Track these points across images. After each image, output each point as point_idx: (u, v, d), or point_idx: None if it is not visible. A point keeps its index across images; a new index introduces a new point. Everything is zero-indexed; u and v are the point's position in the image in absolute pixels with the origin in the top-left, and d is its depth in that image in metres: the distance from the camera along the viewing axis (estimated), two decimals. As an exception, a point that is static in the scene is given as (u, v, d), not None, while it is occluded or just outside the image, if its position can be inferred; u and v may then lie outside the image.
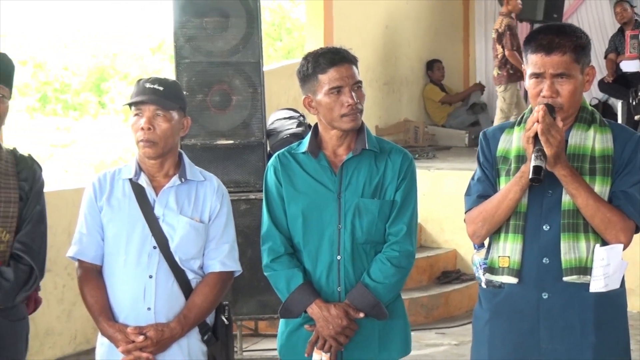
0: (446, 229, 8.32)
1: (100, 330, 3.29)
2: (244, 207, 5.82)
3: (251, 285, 5.79)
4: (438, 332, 7.21)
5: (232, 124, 5.85)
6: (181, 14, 5.76)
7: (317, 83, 3.20)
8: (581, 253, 2.88)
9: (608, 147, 2.92)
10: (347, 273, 3.22)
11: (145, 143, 3.22)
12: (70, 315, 6.61)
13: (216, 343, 3.37)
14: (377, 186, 3.23)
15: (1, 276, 3.19)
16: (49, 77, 15.62)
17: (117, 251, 3.28)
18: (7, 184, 3.24)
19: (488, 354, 3.07)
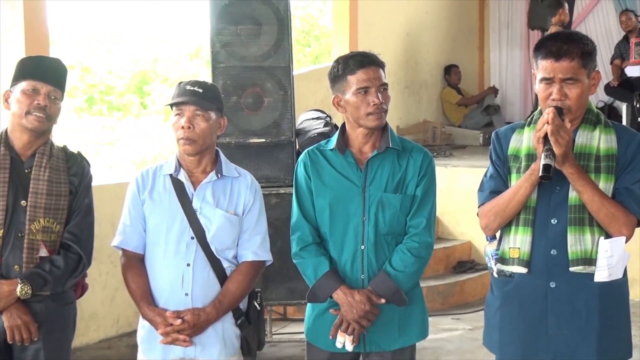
0: (462, 222, 8.30)
1: (142, 314, 3.31)
2: (275, 200, 5.82)
3: (280, 273, 5.79)
4: (453, 317, 7.20)
5: (264, 124, 5.84)
6: (217, 22, 5.78)
7: (346, 83, 3.20)
8: (586, 245, 2.89)
9: (612, 146, 2.92)
10: (370, 262, 3.22)
11: (185, 141, 3.24)
12: (113, 300, 6.66)
13: (249, 327, 3.38)
14: (399, 182, 3.23)
15: (52, 264, 3.23)
16: (95, 80, 15.66)
17: (157, 241, 3.30)
18: (58, 178, 3.28)
19: (499, 338, 3.08)
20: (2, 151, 3.23)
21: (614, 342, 2.98)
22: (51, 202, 3.25)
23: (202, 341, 3.27)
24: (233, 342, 3.35)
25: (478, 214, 3.09)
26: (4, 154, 3.23)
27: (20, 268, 3.20)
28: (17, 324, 3.18)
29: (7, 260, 3.20)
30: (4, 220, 3.19)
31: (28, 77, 3.23)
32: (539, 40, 3.00)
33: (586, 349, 2.93)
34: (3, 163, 3.22)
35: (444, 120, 12.01)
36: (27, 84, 3.22)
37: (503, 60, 13.13)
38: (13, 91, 3.26)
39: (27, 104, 3.20)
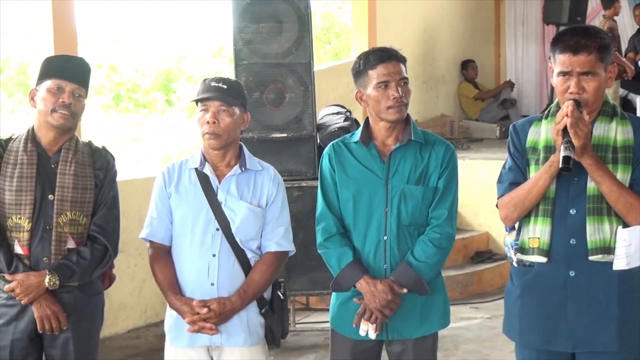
0: (479, 213, 8.31)
1: (169, 303, 3.32)
2: (297, 193, 5.83)
3: (303, 264, 5.80)
4: (472, 306, 7.19)
5: (286, 119, 5.86)
6: (240, 20, 5.79)
7: (367, 78, 3.20)
8: (605, 234, 2.86)
9: (629, 138, 2.90)
10: (393, 252, 3.21)
11: (210, 135, 3.24)
12: (141, 291, 6.69)
13: (272, 316, 3.38)
14: (422, 174, 3.22)
15: (79, 255, 3.25)
16: (122, 78, 15.75)
17: (184, 233, 3.30)
18: (84, 173, 3.30)
19: (519, 326, 3.06)
20: (29, 147, 3.25)
21: (633, 330, 2.94)
22: (77, 195, 3.28)
23: (227, 329, 3.28)
24: (257, 330, 3.35)
25: (497, 205, 3.07)
26: (30, 150, 3.25)
27: (49, 260, 3.23)
28: (47, 314, 3.21)
29: (35, 252, 3.23)
30: (32, 214, 3.21)
31: (53, 76, 3.25)
32: (556, 35, 2.98)
33: (606, 337, 2.91)
34: (30, 159, 3.24)
35: (461, 114, 11.96)
36: (52, 83, 3.24)
37: (519, 55, 13.09)
38: (39, 89, 3.28)
39: (52, 102, 3.22)
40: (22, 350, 3.27)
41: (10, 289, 3.17)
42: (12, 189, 3.20)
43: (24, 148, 3.25)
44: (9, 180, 3.22)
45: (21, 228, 3.21)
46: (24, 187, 3.21)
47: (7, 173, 3.23)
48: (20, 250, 3.22)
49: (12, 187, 3.21)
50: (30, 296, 3.17)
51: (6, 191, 3.21)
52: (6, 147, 3.28)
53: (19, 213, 3.20)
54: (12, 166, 3.23)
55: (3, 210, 3.22)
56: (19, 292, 3.17)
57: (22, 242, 3.21)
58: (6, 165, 3.24)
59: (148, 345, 6.16)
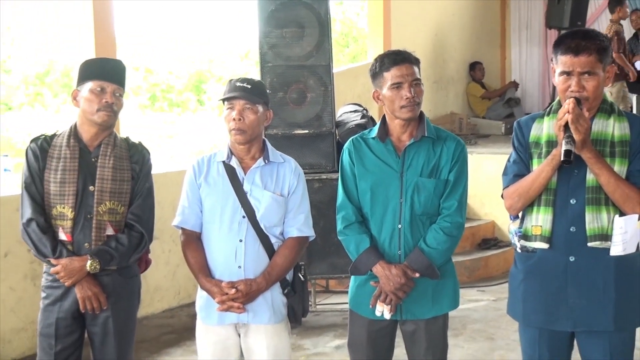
0: (486, 204, 8.30)
1: (200, 285, 3.33)
2: (317, 185, 5.84)
3: (323, 249, 5.81)
4: (479, 289, 7.17)
5: (307, 117, 5.87)
6: (265, 26, 5.80)
7: (383, 79, 3.19)
8: (603, 222, 2.85)
9: (626, 133, 2.88)
10: (407, 239, 3.20)
11: (236, 131, 3.25)
12: (175, 275, 6.72)
13: (294, 296, 3.39)
14: (434, 167, 3.21)
15: (117, 241, 3.28)
16: (157, 79, 15.80)
17: (212, 220, 3.31)
18: (122, 166, 3.32)
19: (522, 307, 3.05)
20: (72, 143, 3.27)
21: (629, 312, 2.94)
22: (116, 186, 3.30)
23: (253, 308, 3.29)
24: (281, 309, 3.36)
25: (503, 196, 3.06)
26: (73, 145, 3.27)
27: (90, 245, 3.26)
28: (88, 295, 3.24)
29: (77, 239, 3.26)
30: (75, 204, 3.24)
31: (94, 78, 3.27)
32: (558, 37, 2.96)
33: (603, 318, 2.90)
34: (73, 153, 3.26)
35: (469, 112, 11.91)
36: (95, 84, 3.26)
37: (523, 57, 13.03)
38: (81, 90, 3.30)
39: (96, 102, 3.24)
40: (66, 328, 3.30)
41: (55, 272, 3.21)
42: (57, 180, 3.23)
43: (67, 143, 3.27)
44: (53, 173, 3.24)
45: (65, 217, 3.24)
46: (67, 179, 3.23)
47: (52, 166, 3.25)
48: (64, 237, 3.25)
49: (57, 179, 3.23)
50: (73, 279, 3.21)
51: (51, 183, 3.24)
52: (51, 142, 3.30)
53: (63, 203, 3.23)
54: (56, 160, 3.25)
55: (49, 200, 3.24)
56: (63, 275, 3.20)
57: (66, 229, 3.24)
58: (51, 160, 3.26)
59: (181, 324, 6.19)
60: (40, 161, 3.26)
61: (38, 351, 3.35)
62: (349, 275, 3.40)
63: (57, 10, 12.01)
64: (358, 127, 6.21)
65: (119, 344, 3.38)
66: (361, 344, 3.35)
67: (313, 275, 6.00)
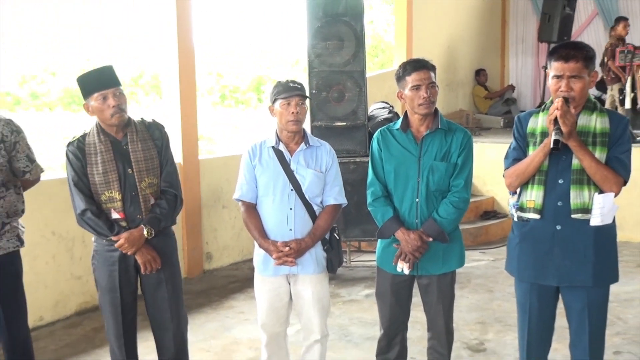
0: (487, 183, 8.27)
1: (259, 245, 3.33)
2: (352, 166, 5.85)
3: (356, 218, 5.84)
4: (481, 251, 7.13)
5: (345, 112, 5.90)
6: (312, 39, 5.82)
7: (405, 82, 3.15)
8: (585, 199, 2.79)
9: (606, 126, 2.81)
10: (423, 211, 3.17)
11: (293, 122, 3.24)
12: (239, 236, 6.78)
13: (332, 251, 3.39)
14: (445, 153, 3.16)
15: (160, 207, 3.23)
16: (226, 82, 15.87)
17: (267, 193, 3.30)
18: (147, 146, 3.23)
19: (517, 265, 3.01)
20: (103, 138, 3.17)
21: (604, 271, 2.88)
22: (148, 164, 3.22)
23: (302, 262, 3.30)
24: (322, 262, 3.37)
25: (504, 176, 3.01)
26: (104, 140, 3.17)
27: (141, 216, 3.19)
28: (148, 259, 3.20)
29: (130, 214, 3.18)
30: (120, 187, 3.16)
31: (94, 91, 3.12)
32: (552, 48, 2.90)
33: (583, 275, 2.85)
34: (106, 146, 3.16)
35: (474, 109, 11.84)
36: (97, 95, 3.12)
37: (519, 65, 12.98)
38: (89, 103, 3.16)
39: (105, 110, 3.12)
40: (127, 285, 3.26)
41: (120, 245, 3.14)
42: (99, 172, 3.14)
43: (98, 139, 3.17)
44: (95, 166, 3.15)
45: (114, 199, 3.16)
46: (108, 169, 3.15)
47: (92, 161, 3.16)
48: (117, 215, 3.17)
49: (99, 171, 3.14)
50: (134, 247, 3.16)
51: (95, 175, 3.15)
52: (84, 142, 3.19)
53: (110, 188, 3.15)
54: (94, 155, 3.16)
55: (96, 189, 3.15)
56: (127, 246, 3.14)
57: (117, 209, 3.16)
58: (89, 156, 3.16)
59: (244, 275, 6.25)
60: (81, 160, 3.16)
61: (106, 307, 3.27)
62: (376, 238, 3.37)
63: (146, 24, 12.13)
64: (385, 120, 6.23)
65: (171, 295, 3.33)
66: (386, 293, 3.34)
67: (348, 238, 6.01)
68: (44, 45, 14.19)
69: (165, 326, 3.29)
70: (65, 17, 14.34)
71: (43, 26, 14.14)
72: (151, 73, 13.83)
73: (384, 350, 3.43)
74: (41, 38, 14.14)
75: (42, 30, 14.13)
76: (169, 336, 3.30)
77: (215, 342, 4.67)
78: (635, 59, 8.53)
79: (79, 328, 4.99)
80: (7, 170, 3.33)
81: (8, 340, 3.46)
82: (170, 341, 3.30)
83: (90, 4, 14.26)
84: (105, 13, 14.26)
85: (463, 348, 4.40)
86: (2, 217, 3.35)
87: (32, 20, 13.99)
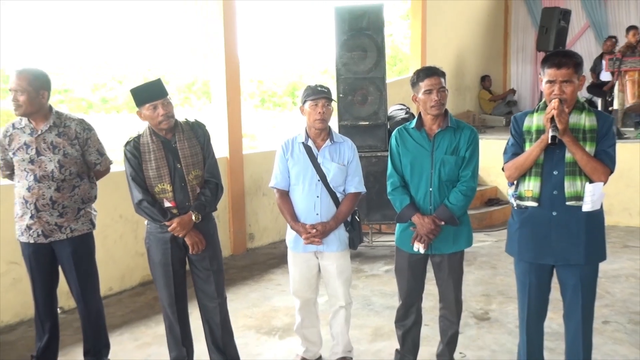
0: (491, 174, 8.16)
1: (290, 226, 3.37)
2: (374, 160, 5.83)
3: (377, 204, 5.81)
4: (485, 233, 7.06)
5: (368, 113, 5.87)
6: (340, 50, 5.81)
7: (418, 87, 3.11)
8: (577, 188, 2.74)
9: (594, 124, 2.75)
10: (435, 198, 3.13)
11: (320, 121, 3.26)
12: (277, 220, 6.79)
13: (353, 231, 3.40)
14: (455, 148, 3.12)
15: (204, 195, 3.20)
16: (265, 87, 15.92)
17: (297, 183, 3.33)
18: (192, 143, 3.20)
19: (517, 247, 2.96)
20: (154, 139, 3.15)
21: (594, 251, 2.83)
22: (194, 159, 3.19)
23: (327, 241, 3.32)
24: (345, 240, 3.39)
25: (503, 169, 2.95)
26: (156, 140, 3.15)
27: (190, 203, 3.17)
28: (196, 241, 3.17)
29: (180, 201, 3.16)
30: (171, 179, 3.14)
31: (146, 102, 3.08)
32: (545, 56, 2.83)
33: (576, 254, 2.80)
34: (158, 146, 3.14)
35: (479, 110, 11.70)
36: (149, 106, 3.09)
37: (519, 71, 12.79)
38: (142, 111, 3.13)
39: (156, 117, 3.10)
40: (179, 261, 3.25)
41: (173, 229, 3.13)
42: (153, 167, 3.12)
43: (151, 140, 3.15)
44: (149, 162, 3.13)
45: (166, 190, 3.14)
46: (160, 165, 3.12)
47: (146, 158, 3.14)
48: (169, 204, 3.15)
49: (153, 167, 3.12)
50: (185, 230, 3.14)
51: (149, 170, 3.13)
52: (139, 142, 3.17)
53: (162, 181, 3.13)
54: (148, 154, 3.14)
55: (150, 182, 3.13)
56: (179, 229, 3.13)
57: (169, 198, 3.14)
58: (144, 154, 3.14)
59: (281, 253, 6.26)
60: (137, 157, 3.14)
61: (160, 279, 3.25)
62: (395, 222, 3.35)
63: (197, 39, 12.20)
64: (403, 120, 6.20)
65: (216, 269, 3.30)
66: (403, 269, 3.32)
67: (371, 221, 5.99)
68: (112, 57, 14.37)
69: (211, 296, 3.30)
70: (130, 34, 14.49)
71: (112, 40, 14.31)
72: (202, 81, 13.93)
73: (401, 317, 3.42)
74: (110, 51, 14.32)
75: (110, 45, 14.30)
76: (214, 304, 3.31)
77: (257, 309, 4.70)
78: (622, 65, 8.33)
79: (142, 297, 5.07)
80: (81, 163, 3.41)
81: (84, 307, 3.55)
82: (215, 309, 3.32)
83: (150, 24, 14.37)
84: (163, 29, 14.37)
85: (470, 317, 4.37)
86: (78, 202, 3.42)
87: (103, 36, 14.16)
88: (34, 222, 3.32)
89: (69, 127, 3.37)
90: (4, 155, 3.39)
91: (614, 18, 11.49)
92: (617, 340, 3.91)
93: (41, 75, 3.31)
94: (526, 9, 12.55)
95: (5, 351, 3.97)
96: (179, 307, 3.29)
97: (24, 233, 3.37)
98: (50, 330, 3.56)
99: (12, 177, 3.46)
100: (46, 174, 3.29)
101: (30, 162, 3.30)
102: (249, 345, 3.96)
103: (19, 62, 10.56)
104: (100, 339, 3.63)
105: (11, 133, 3.36)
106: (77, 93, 13.28)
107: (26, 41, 12.69)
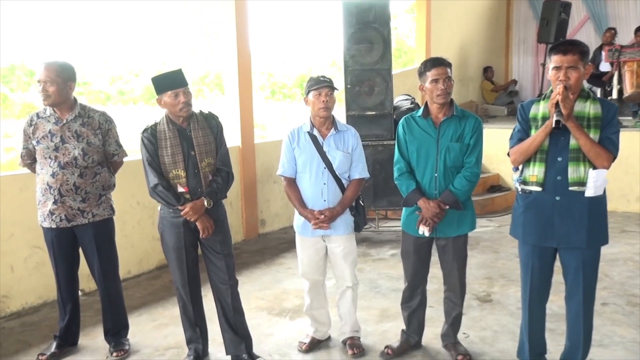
0: (493, 162, 8.10)
1: (299, 212, 3.34)
2: (381, 148, 5.78)
3: (384, 191, 5.78)
4: (488, 219, 7.01)
5: (375, 103, 5.82)
6: (347, 43, 5.75)
7: (425, 76, 3.07)
8: (581, 173, 2.68)
9: (598, 112, 2.69)
10: (440, 183, 3.10)
11: (324, 109, 3.23)
12: (287, 206, 6.77)
13: (358, 215, 3.38)
14: (459, 135, 3.09)
15: (216, 182, 3.18)
16: (275, 80, 15.86)
17: (304, 170, 3.30)
18: (206, 133, 3.18)
19: (522, 230, 2.92)
20: (171, 127, 3.13)
21: (596, 235, 2.78)
22: (207, 148, 3.16)
23: (334, 225, 3.31)
24: (350, 224, 3.37)
25: (509, 154, 2.90)
26: (172, 128, 3.13)
27: (202, 189, 3.15)
28: (207, 226, 3.15)
29: (193, 187, 3.14)
30: (185, 166, 3.11)
31: (168, 89, 3.06)
32: (552, 45, 2.78)
33: (578, 238, 2.76)
34: (174, 133, 3.12)
35: (482, 100, 11.61)
36: (171, 93, 3.07)
37: (520, 63, 12.66)
38: (162, 98, 3.11)
39: (176, 104, 3.08)
40: (191, 244, 3.23)
41: (185, 213, 3.11)
42: (168, 154, 3.10)
43: (167, 128, 3.13)
44: (164, 149, 3.11)
45: (180, 176, 3.11)
46: (175, 152, 3.10)
47: (162, 145, 3.11)
48: (182, 189, 3.13)
49: (168, 153, 3.10)
50: (197, 215, 3.11)
51: (165, 156, 3.11)
52: (156, 129, 3.15)
53: (177, 167, 3.10)
54: (164, 141, 3.11)
55: (165, 168, 3.11)
56: (192, 214, 3.11)
57: (183, 184, 3.12)
58: (160, 141, 3.12)
59: (291, 238, 6.24)
60: (154, 144, 3.12)
61: (173, 262, 3.24)
62: (401, 207, 3.32)
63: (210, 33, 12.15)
64: (408, 110, 6.19)
65: (227, 253, 3.28)
66: (409, 252, 3.30)
67: (377, 207, 5.96)
68: (129, 51, 14.35)
69: (222, 278, 3.29)
70: (146, 28, 14.46)
71: (128, 35, 14.29)
72: (215, 73, 13.89)
73: (407, 299, 3.41)
74: (126, 45, 14.30)
75: (127, 39, 14.28)
76: (225, 286, 3.30)
77: (268, 291, 4.69)
78: (621, 56, 8.21)
79: (159, 280, 5.07)
80: (102, 152, 3.45)
81: (104, 289, 3.56)
82: (227, 290, 3.31)
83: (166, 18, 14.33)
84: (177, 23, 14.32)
85: (473, 299, 4.34)
86: (99, 189, 3.45)
87: (120, 31, 14.14)
88: (57, 207, 3.34)
89: (92, 117, 3.42)
90: (27, 144, 3.40)
91: (613, 10, 11.38)
92: (615, 321, 3.87)
93: (68, 67, 3.33)
94: (527, 2, 12.42)
95: (29, 331, 3.99)
96: (191, 288, 3.29)
97: (47, 219, 3.38)
98: (72, 311, 3.58)
99: (32, 166, 3.46)
100: (70, 160, 3.32)
101: (55, 150, 3.32)
102: (261, 326, 3.95)
103: (43, 56, 10.55)
104: (119, 320, 3.64)
105: (36, 122, 3.38)
106: (96, 86, 13.30)
107: (48, 36, 12.70)
